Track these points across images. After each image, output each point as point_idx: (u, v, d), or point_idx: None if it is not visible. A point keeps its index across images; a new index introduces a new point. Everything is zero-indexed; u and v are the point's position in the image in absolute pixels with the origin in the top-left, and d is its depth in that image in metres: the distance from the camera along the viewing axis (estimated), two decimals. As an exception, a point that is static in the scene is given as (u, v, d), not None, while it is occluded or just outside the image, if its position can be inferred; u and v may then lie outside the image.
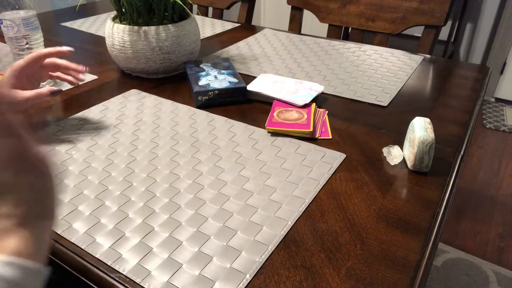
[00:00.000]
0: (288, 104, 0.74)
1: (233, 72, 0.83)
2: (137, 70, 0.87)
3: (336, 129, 0.69)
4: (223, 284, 0.41)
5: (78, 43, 1.13)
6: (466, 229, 1.58)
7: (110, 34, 0.86)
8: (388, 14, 1.15)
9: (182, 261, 0.43)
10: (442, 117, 0.73)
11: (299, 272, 0.42)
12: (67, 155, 0.62)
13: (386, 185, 0.56)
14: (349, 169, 0.59)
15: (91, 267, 0.43)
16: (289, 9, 1.33)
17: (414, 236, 0.47)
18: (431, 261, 0.45)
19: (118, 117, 0.73)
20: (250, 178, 0.57)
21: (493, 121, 2.29)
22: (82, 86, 0.86)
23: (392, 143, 0.63)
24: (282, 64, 0.97)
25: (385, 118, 0.73)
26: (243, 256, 0.44)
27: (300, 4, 1.30)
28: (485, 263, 1.42)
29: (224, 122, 0.71)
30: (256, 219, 0.49)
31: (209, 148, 0.64)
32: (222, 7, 1.43)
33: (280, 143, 0.65)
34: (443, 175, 0.57)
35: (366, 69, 0.93)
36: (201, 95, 0.75)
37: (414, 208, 0.51)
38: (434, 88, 0.85)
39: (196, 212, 0.50)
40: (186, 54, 0.88)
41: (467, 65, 0.99)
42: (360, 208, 0.51)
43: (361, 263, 0.44)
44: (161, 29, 0.82)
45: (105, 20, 1.34)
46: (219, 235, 0.47)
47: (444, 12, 1.06)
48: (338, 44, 1.10)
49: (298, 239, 0.47)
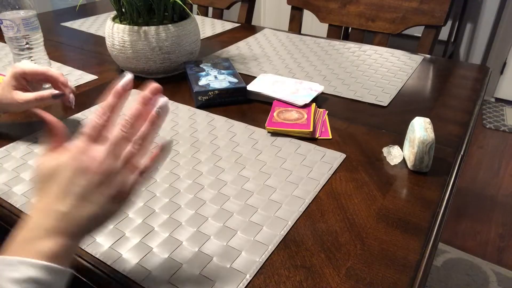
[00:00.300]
0: (288, 104, 0.74)
1: (233, 72, 0.83)
2: (137, 70, 0.87)
3: (336, 129, 0.69)
4: (223, 284, 0.41)
5: (78, 43, 1.13)
6: (466, 229, 1.58)
7: (110, 34, 0.86)
8: (388, 14, 1.15)
9: (182, 261, 0.43)
10: (442, 117, 0.73)
11: (299, 272, 0.42)
12: (67, 155, 0.62)
13: (386, 185, 0.56)
14: (349, 169, 0.59)
15: (91, 267, 0.43)
16: (289, 9, 1.33)
17: (414, 236, 0.47)
18: (431, 261, 0.45)
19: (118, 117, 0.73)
20: (250, 178, 0.57)
21: (493, 121, 2.29)
22: (82, 86, 0.86)
23: (392, 143, 0.63)
24: (282, 64, 0.97)
25: (385, 118, 0.73)
26: (243, 256, 0.44)
27: (300, 4, 1.30)
28: (485, 263, 1.42)
29: (224, 122, 0.71)
30: (256, 219, 0.49)
31: (209, 148, 0.64)
32: (222, 7, 1.43)
33: (280, 143, 0.65)
34: (443, 175, 0.57)
35: (366, 69, 0.93)
36: (201, 95, 0.75)
37: (414, 208, 0.51)
38: (434, 88, 0.85)
39: (196, 212, 0.50)
40: (186, 54, 0.88)
41: (467, 65, 0.99)
42: (360, 208, 0.51)
43: (361, 263, 0.44)
44: (161, 29, 0.82)
45: (105, 20, 1.34)
46: (219, 235, 0.47)
47: (444, 12, 1.06)
48: (338, 44, 1.10)
49: (298, 239, 0.47)
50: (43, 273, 0.32)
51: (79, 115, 0.74)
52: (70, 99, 0.65)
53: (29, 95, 0.62)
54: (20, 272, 0.32)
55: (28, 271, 0.32)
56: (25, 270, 0.32)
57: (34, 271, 0.32)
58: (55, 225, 0.35)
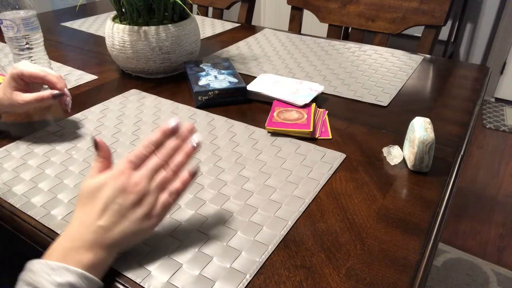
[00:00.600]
0: (288, 104, 0.74)
1: (233, 72, 0.83)
2: (137, 70, 0.87)
3: (336, 129, 0.69)
4: (223, 284, 0.41)
5: (78, 43, 1.13)
6: (466, 229, 1.58)
7: (110, 34, 0.86)
8: (388, 14, 1.15)
9: (182, 261, 0.43)
10: (442, 117, 0.73)
11: (299, 272, 0.42)
12: (67, 155, 0.62)
13: (386, 185, 0.56)
14: (349, 169, 0.59)
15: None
16: (289, 9, 1.33)
17: (414, 236, 0.47)
18: (431, 261, 0.45)
19: (118, 117, 0.73)
20: (250, 178, 0.57)
21: (493, 121, 2.29)
22: (82, 86, 0.86)
23: (392, 143, 0.63)
24: (282, 64, 0.97)
25: (385, 118, 0.73)
26: (243, 256, 0.44)
27: (300, 4, 1.30)
28: (485, 263, 1.42)
29: (224, 122, 0.71)
30: (256, 219, 0.49)
31: (209, 148, 0.64)
32: (222, 7, 1.43)
33: (280, 143, 0.65)
34: (443, 175, 0.57)
35: (366, 69, 0.93)
36: (201, 95, 0.75)
37: (414, 208, 0.51)
38: (434, 88, 0.85)
39: (196, 212, 0.50)
40: (186, 54, 0.88)
41: (467, 65, 0.99)
42: (360, 208, 0.51)
43: (361, 263, 0.43)
44: (161, 29, 0.82)
45: (105, 20, 1.34)
46: (219, 235, 0.47)
47: (444, 12, 1.06)
48: (338, 44, 1.10)
49: (298, 239, 0.47)
50: (80, 280, 0.37)
51: (79, 115, 0.74)
52: (66, 102, 0.65)
53: (29, 96, 0.62)
54: (61, 277, 0.36)
55: (67, 277, 0.36)
56: (66, 276, 0.36)
57: (73, 277, 0.37)
58: (94, 237, 0.40)
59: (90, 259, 0.39)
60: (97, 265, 0.39)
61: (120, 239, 0.41)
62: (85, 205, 0.42)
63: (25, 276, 0.37)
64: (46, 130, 0.69)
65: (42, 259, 0.38)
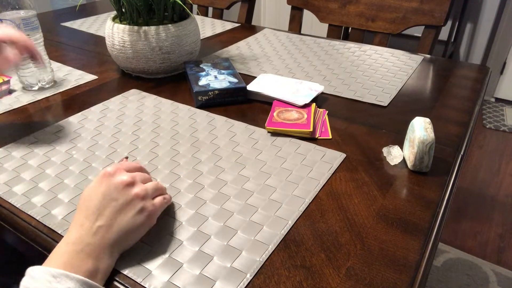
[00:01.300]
0: (288, 104, 0.74)
1: (233, 72, 0.83)
2: (137, 70, 0.87)
3: (336, 129, 0.69)
4: (224, 283, 0.41)
5: (78, 43, 1.13)
6: (466, 229, 1.58)
7: (110, 34, 0.86)
8: (388, 14, 1.15)
9: (182, 260, 0.43)
10: (442, 117, 0.73)
11: (299, 272, 0.42)
12: (67, 155, 0.62)
13: (386, 185, 0.56)
14: (349, 169, 0.59)
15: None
16: (289, 9, 1.33)
17: (414, 236, 0.47)
18: (431, 261, 0.45)
19: (118, 117, 0.73)
20: (250, 178, 0.57)
21: (493, 121, 2.29)
22: (82, 86, 0.86)
23: (392, 143, 0.63)
24: (282, 64, 0.97)
25: (385, 118, 0.73)
26: (243, 256, 0.44)
27: (300, 4, 1.30)
28: (485, 263, 1.42)
29: (224, 122, 0.71)
30: (256, 218, 0.49)
31: (209, 148, 0.64)
32: (222, 7, 1.43)
33: (280, 143, 0.65)
34: (443, 175, 0.57)
35: (366, 69, 0.93)
36: (201, 95, 0.75)
37: (414, 208, 0.51)
38: (434, 88, 0.85)
39: (196, 211, 0.50)
40: (186, 54, 0.88)
41: (467, 65, 0.99)
42: (360, 208, 0.51)
43: (361, 263, 0.44)
44: (161, 29, 0.82)
45: (105, 20, 1.34)
46: (220, 235, 0.47)
47: (444, 12, 1.06)
48: (338, 44, 1.10)
49: (298, 239, 0.47)
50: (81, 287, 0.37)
51: (79, 115, 0.74)
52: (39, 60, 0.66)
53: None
54: (62, 284, 0.36)
55: (68, 284, 0.36)
56: (66, 283, 0.36)
57: (74, 284, 0.37)
58: (95, 240, 0.40)
59: (91, 265, 0.39)
60: (98, 271, 0.40)
61: (120, 237, 0.42)
62: (83, 211, 0.43)
63: (26, 282, 0.37)
64: (46, 130, 0.69)
65: (43, 266, 0.38)
